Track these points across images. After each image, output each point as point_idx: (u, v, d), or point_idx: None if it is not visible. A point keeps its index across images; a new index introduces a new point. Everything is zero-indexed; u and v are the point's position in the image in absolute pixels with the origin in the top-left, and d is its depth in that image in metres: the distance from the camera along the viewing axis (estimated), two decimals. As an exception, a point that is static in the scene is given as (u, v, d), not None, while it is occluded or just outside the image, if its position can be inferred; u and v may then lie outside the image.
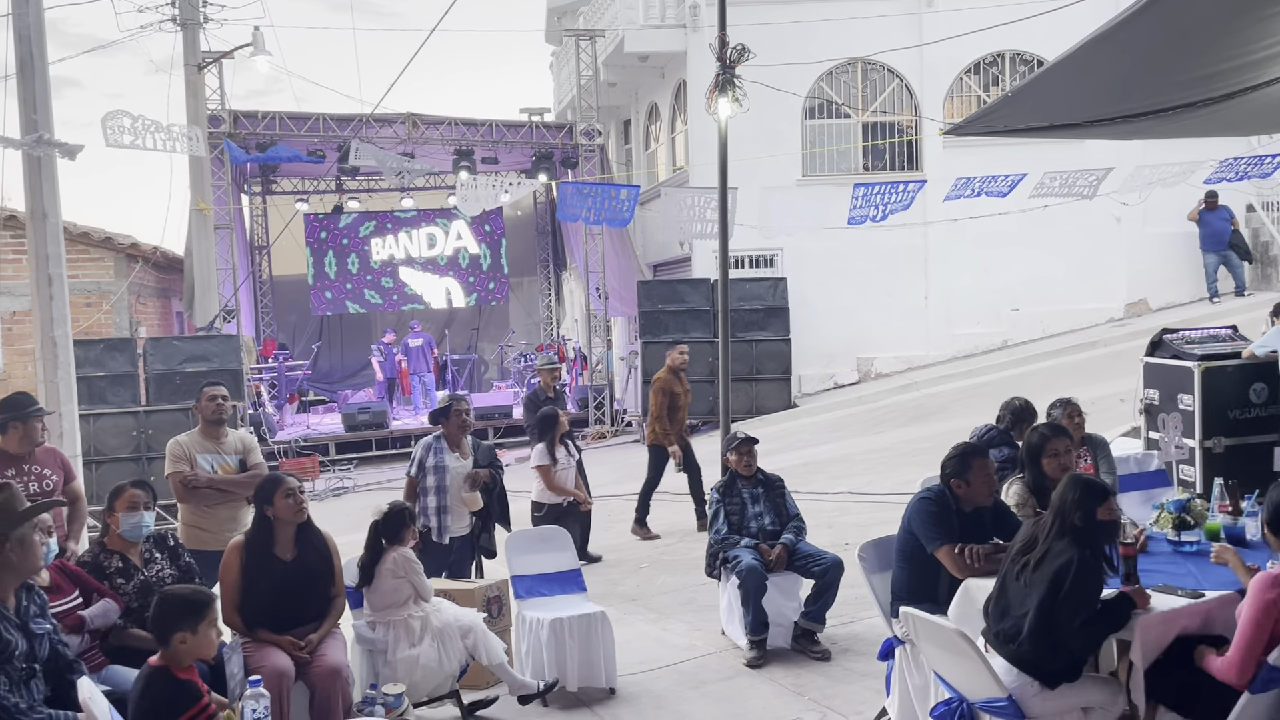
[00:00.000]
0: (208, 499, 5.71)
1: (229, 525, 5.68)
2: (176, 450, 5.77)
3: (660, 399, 9.25)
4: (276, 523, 4.63)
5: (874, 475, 9.92)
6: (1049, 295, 17.30)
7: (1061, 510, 3.77)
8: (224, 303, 16.13)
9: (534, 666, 5.34)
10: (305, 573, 4.61)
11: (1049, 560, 3.68)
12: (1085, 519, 3.71)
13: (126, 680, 4.14)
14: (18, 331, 14.35)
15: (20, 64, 7.55)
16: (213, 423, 5.88)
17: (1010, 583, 3.83)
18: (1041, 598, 3.62)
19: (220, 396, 5.90)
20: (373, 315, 22.93)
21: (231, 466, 5.83)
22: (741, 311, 15.59)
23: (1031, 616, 3.64)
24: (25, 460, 5.31)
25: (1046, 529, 3.78)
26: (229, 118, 16.51)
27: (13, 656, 3.40)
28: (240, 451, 5.92)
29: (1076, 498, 3.76)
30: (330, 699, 4.30)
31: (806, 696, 5.15)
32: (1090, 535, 3.71)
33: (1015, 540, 3.95)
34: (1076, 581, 3.59)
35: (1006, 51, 17.47)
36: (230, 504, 5.80)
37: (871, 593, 4.72)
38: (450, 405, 6.48)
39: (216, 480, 5.73)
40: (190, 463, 5.72)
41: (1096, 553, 3.71)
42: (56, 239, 7.74)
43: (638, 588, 7.69)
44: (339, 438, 17.26)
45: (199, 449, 5.80)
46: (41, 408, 5.48)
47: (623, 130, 22.74)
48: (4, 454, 5.29)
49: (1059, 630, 3.59)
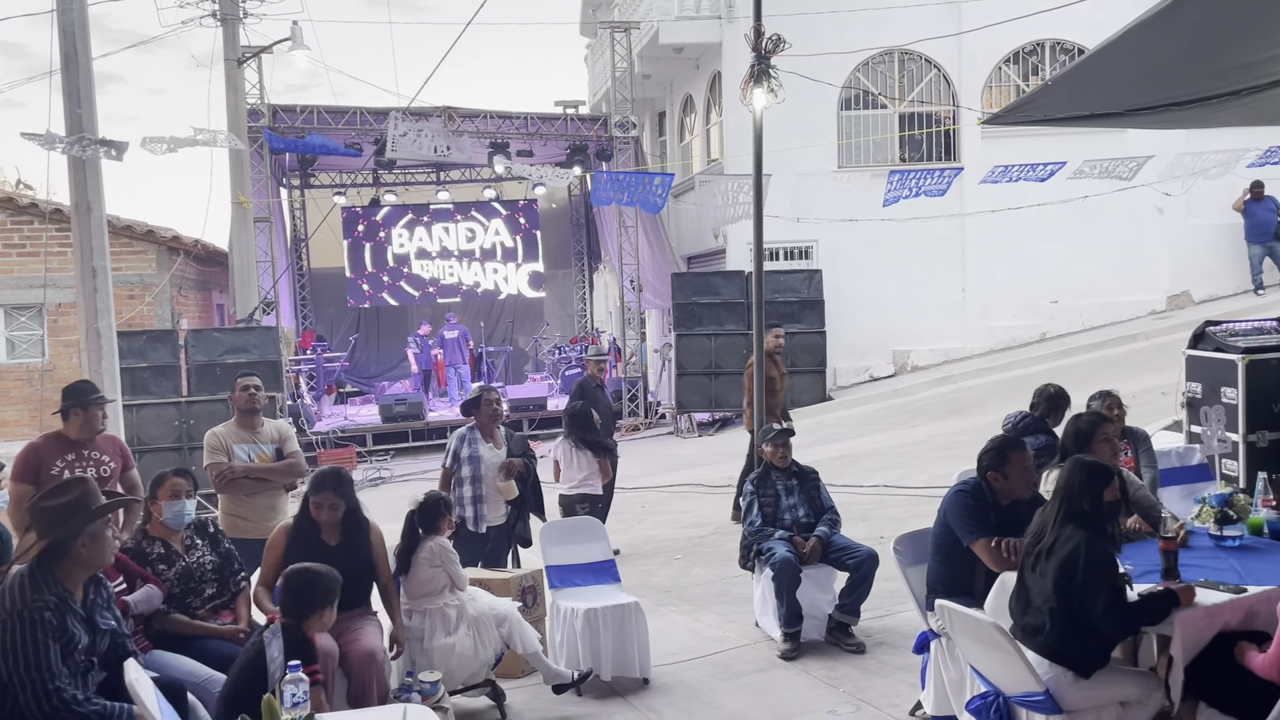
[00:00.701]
0: (245, 488, 5.78)
1: (268, 514, 5.77)
2: (213, 442, 5.86)
3: (751, 384, 8.86)
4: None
5: (909, 469, 9.84)
6: (1089, 287, 17.07)
7: (1068, 495, 3.74)
8: (263, 295, 16.32)
9: (568, 656, 5.37)
10: (350, 559, 4.67)
11: (1058, 547, 3.68)
12: (1093, 502, 3.69)
13: (169, 664, 4.22)
14: (63, 323, 14.62)
15: (65, 59, 7.68)
16: (247, 413, 5.96)
17: (1028, 575, 3.81)
18: (1057, 586, 3.60)
19: (253, 387, 5.97)
20: (409, 308, 23.10)
21: (268, 455, 5.91)
22: (776, 304, 15.51)
23: (1051, 605, 3.62)
24: (85, 446, 5.41)
25: (1053, 516, 3.76)
26: (268, 112, 16.67)
27: (76, 649, 3.48)
28: (276, 440, 5.99)
29: (1083, 481, 3.74)
30: (366, 682, 4.35)
31: (841, 689, 5.14)
32: (1097, 518, 3.69)
33: (1028, 531, 3.92)
34: (1089, 566, 3.57)
35: (1046, 40, 17.23)
36: (268, 492, 5.88)
37: (907, 586, 4.69)
38: (480, 396, 6.53)
39: (253, 469, 5.81)
40: (227, 454, 5.80)
41: (1103, 534, 3.69)
42: (100, 232, 7.87)
43: (671, 579, 7.70)
44: (376, 429, 17.42)
45: (235, 439, 5.88)
46: (103, 395, 5.58)
47: (657, 122, 22.72)
48: (65, 440, 5.40)
49: (1085, 616, 3.57)
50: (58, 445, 5.38)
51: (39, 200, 15.53)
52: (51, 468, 5.25)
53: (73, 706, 3.39)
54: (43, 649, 3.35)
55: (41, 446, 5.41)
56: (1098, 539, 3.65)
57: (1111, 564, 3.66)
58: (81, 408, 5.39)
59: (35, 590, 3.44)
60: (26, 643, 3.34)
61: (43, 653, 3.35)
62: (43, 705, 3.33)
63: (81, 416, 5.40)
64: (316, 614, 3.91)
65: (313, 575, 3.99)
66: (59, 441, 5.40)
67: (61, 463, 5.29)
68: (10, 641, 3.34)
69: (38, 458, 5.32)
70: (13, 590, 3.44)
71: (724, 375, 16.16)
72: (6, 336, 15.11)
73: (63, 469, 5.23)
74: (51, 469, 5.24)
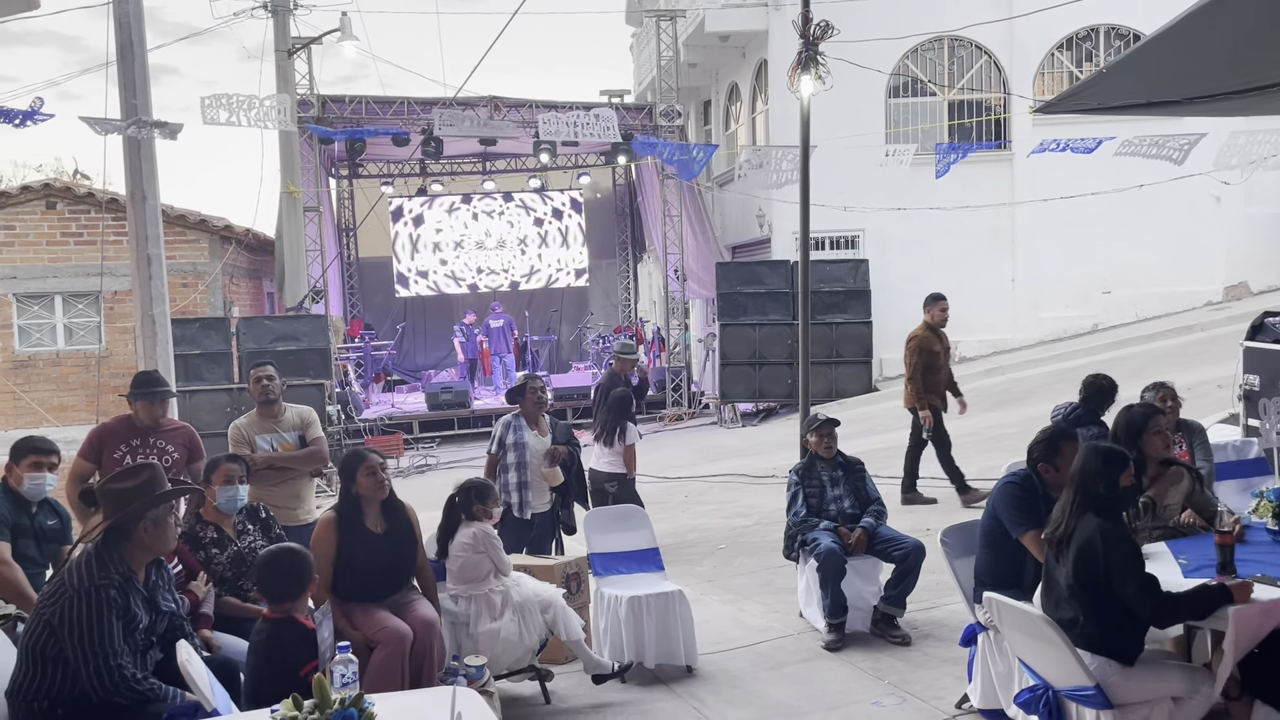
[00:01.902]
0: (268, 478, 5.73)
1: (293, 502, 5.81)
2: (235, 435, 5.87)
3: (915, 358, 8.61)
4: (362, 498, 4.75)
5: (957, 460, 9.72)
6: (1143, 277, 16.75)
7: (1083, 481, 3.70)
8: (313, 283, 16.54)
9: (612, 643, 5.40)
10: (396, 544, 4.74)
11: (1076, 536, 3.65)
12: (1109, 488, 3.65)
13: (223, 644, 4.30)
14: (119, 310, 14.95)
15: (121, 50, 7.82)
16: (264, 403, 5.94)
17: (1054, 568, 3.77)
18: (1079, 574, 3.57)
19: (266, 377, 5.93)
20: (455, 297, 23.28)
21: (291, 443, 5.89)
22: (822, 293, 15.43)
23: (1078, 595, 3.58)
24: (152, 434, 5.50)
25: (1069, 503, 3.72)
26: (317, 102, 16.87)
27: (137, 629, 3.57)
28: (299, 427, 5.95)
29: (1099, 468, 3.69)
30: (427, 649, 4.46)
31: (886, 681, 5.11)
32: (1113, 504, 3.65)
33: (1048, 524, 3.88)
34: (1110, 552, 3.54)
35: (1101, 25, 16.91)
36: (291, 481, 5.85)
37: (954, 578, 4.65)
38: (525, 384, 6.56)
39: (274, 459, 5.79)
40: (249, 445, 5.79)
41: (1118, 520, 3.65)
42: (155, 220, 8.02)
43: (715, 569, 7.70)
44: (422, 416, 17.60)
45: (257, 430, 5.87)
46: (166, 390, 5.65)
47: (702, 111, 22.64)
48: (134, 425, 5.50)
49: (1117, 601, 3.54)
50: (125, 430, 5.49)
51: (96, 190, 15.88)
52: (115, 451, 5.36)
53: (131, 684, 3.47)
54: (106, 626, 3.44)
55: (111, 428, 5.52)
56: (1114, 525, 3.62)
57: (1133, 547, 3.64)
58: (143, 399, 5.49)
59: (101, 569, 3.53)
60: (91, 619, 3.43)
61: (106, 629, 3.44)
62: (104, 680, 3.41)
63: (145, 407, 5.51)
64: (304, 594, 3.86)
65: (296, 555, 3.93)
66: (127, 426, 5.50)
67: (125, 448, 5.40)
68: (75, 617, 3.42)
69: (102, 439, 5.44)
70: (79, 568, 3.53)
71: (768, 365, 16.10)
72: (65, 323, 15.48)
73: (125, 454, 5.34)
74: (115, 452, 5.35)
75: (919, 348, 8.64)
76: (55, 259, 15.22)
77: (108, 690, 3.42)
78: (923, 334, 8.73)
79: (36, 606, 3.59)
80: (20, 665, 3.52)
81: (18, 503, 4.60)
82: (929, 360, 8.60)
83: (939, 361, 8.67)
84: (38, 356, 15.29)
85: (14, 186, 16.15)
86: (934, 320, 8.76)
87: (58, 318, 15.43)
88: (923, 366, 8.60)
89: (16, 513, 4.57)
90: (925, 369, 8.61)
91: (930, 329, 8.75)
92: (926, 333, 8.74)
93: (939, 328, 8.78)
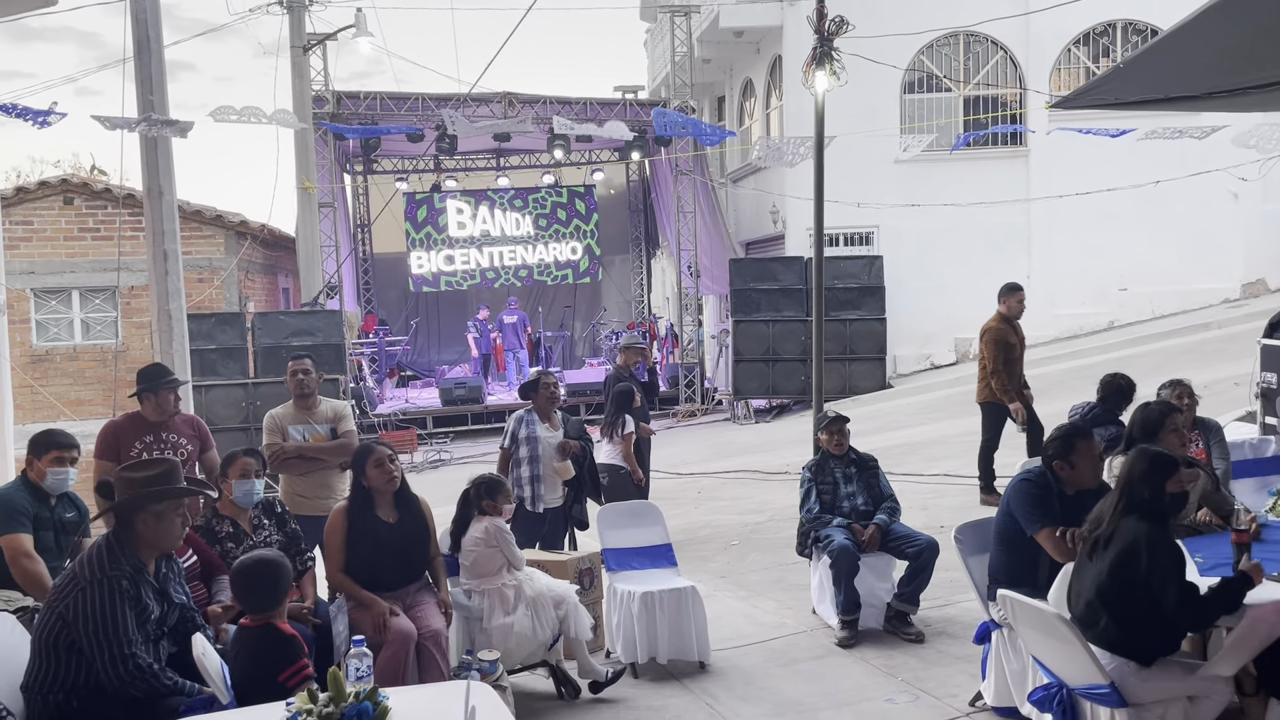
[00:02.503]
0: (298, 467, 5.93)
1: (323, 491, 5.92)
2: (270, 423, 6.05)
3: (992, 351, 8.13)
4: (373, 490, 4.77)
5: (970, 458, 9.67)
6: (1159, 274, 16.65)
7: (1129, 485, 3.66)
8: (327, 279, 16.60)
9: (625, 639, 5.40)
10: (407, 534, 4.77)
11: (1117, 538, 3.61)
12: (1155, 493, 3.61)
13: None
14: (135, 305, 15.04)
15: (138, 46, 7.86)
16: (300, 396, 6.09)
17: (1084, 566, 3.74)
18: (1115, 576, 3.54)
19: (302, 371, 6.08)
20: (468, 292, 23.31)
21: (323, 435, 6.03)
22: (836, 290, 15.39)
23: (1109, 598, 3.56)
24: (163, 429, 5.55)
25: (1113, 506, 3.68)
26: (332, 98, 16.92)
27: (149, 620, 3.59)
28: (332, 420, 6.11)
29: (1145, 471, 3.65)
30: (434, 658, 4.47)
31: (899, 678, 5.10)
32: (1159, 509, 3.61)
33: (1086, 522, 3.85)
34: (1154, 559, 3.50)
35: (1118, 21, 16.80)
36: (323, 471, 6.00)
37: (968, 575, 4.64)
38: (539, 379, 6.58)
39: (305, 449, 5.95)
40: (282, 434, 5.95)
41: (1164, 526, 3.61)
42: (171, 215, 8.06)
43: (727, 565, 7.70)
44: (436, 411, 17.64)
45: (291, 420, 6.03)
46: (175, 379, 5.69)
47: (716, 107, 22.60)
48: (144, 421, 5.54)
49: (1156, 608, 3.49)
50: (137, 426, 5.53)
51: (113, 185, 15.97)
52: (130, 448, 5.40)
53: (146, 675, 3.49)
54: (120, 615, 3.46)
55: (122, 425, 5.56)
56: (1159, 531, 3.57)
57: (1177, 554, 3.59)
58: (152, 391, 5.51)
59: (113, 559, 3.55)
60: (104, 609, 3.45)
61: (119, 619, 3.46)
62: (118, 669, 3.44)
63: (153, 400, 5.53)
64: (282, 602, 3.77)
65: (271, 564, 3.81)
66: (138, 422, 5.55)
67: (140, 444, 5.43)
68: (89, 608, 3.45)
69: (117, 436, 5.48)
70: (92, 559, 3.55)
71: (781, 362, 16.08)
72: (82, 318, 15.58)
73: (141, 450, 5.38)
74: (130, 449, 5.39)
75: (995, 340, 8.15)
76: (72, 254, 15.31)
77: (123, 680, 3.44)
78: (997, 325, 8.24)
79: (49, 599, 3.61)
80: (35, 658, 3.55)
81: (38, 496, 4.64)
82: (1006, 352, 8.13)
83: (1014, 354, 8.21)
84: (55, 351, 15.40)
85: (32, 182, 16.25)
86: (1009, 311, 8.27)
87: (75, 313, 15.53)
88: (1001, 359, 8.11)
89: (37, 505, 4.61)
90: (1005, 361, 8.14)
91: (1005, 320, 8.25)
92: (1001, 324, 8.24)
93: (1014, 319, 8.28)
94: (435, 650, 4.48)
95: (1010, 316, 8.27)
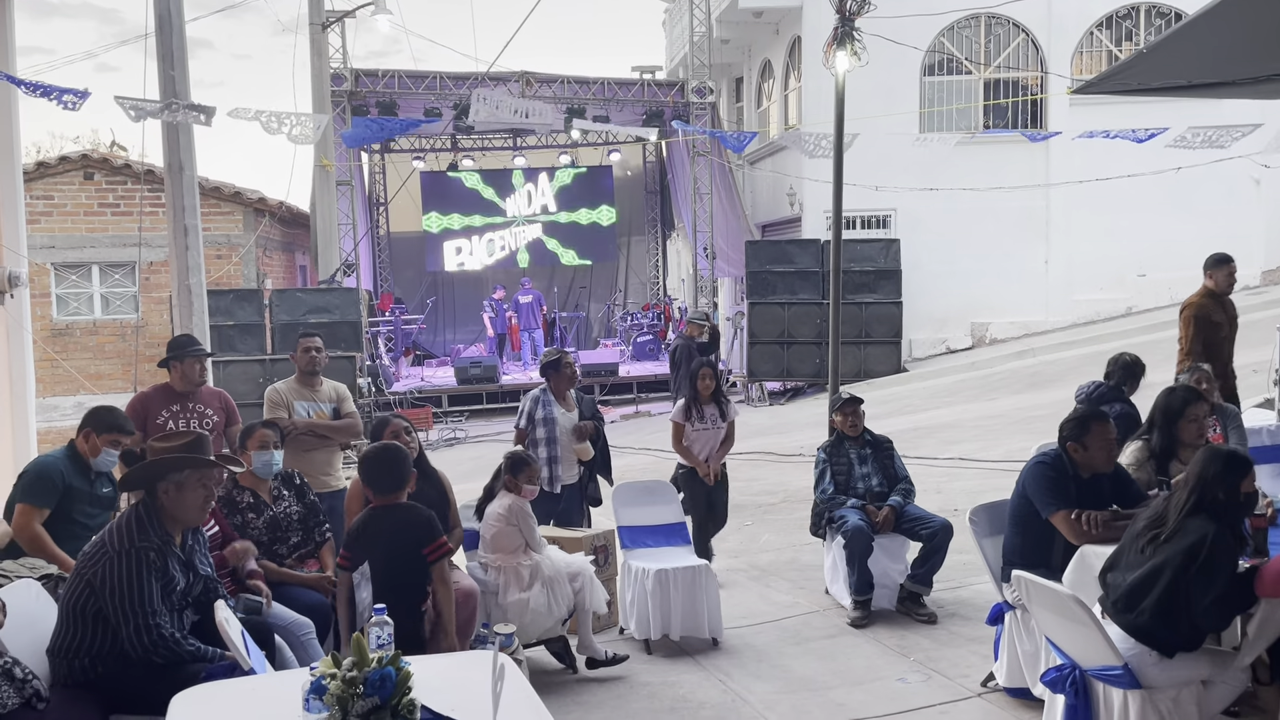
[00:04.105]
0: (304, 444, 5.84)
1: (324, 469, 5.93)
2: (274, 397, 6.00)
3: (1192, 329, 6.90)
4: None
5: (986, 442, 9.72)
6: (1178, 260, 16.48)
7: (1201, 485, 3.58)
8: (344, 257, 16.66)
9: (638, 615, 5.44)
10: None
11: (1181, 536, 3.52)
12: (1229, 494, 3.54)
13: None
14: (155, 281, 15.16)
15: (159, 21, 7.87)
16: (308, 373, 6.07)
17: (1131, 553, 3.71)
18: (1175, 573, 3.48)
19: (315, 348, 6.07)
20: (484, 272, 23.37)
21: (326, 414, 6.03)
22: (852, 273, 15.36)
23: (1159, 590, 3.51)
24: (190, 399, 5.61)
25: (1181, 505, 3.60)
26: (350, 76, 16.93)
27: (174, 591, 3.65)
28: (334, 400, 6.12)
29: (1219, 471, 3.57)
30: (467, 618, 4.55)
31: (911, 658, 5.13)
32: (1232, 510, 3.55)
33: (1143, 514, 3.79)
34: (1210, 559, 3.43)
35: (1141, 4, 16.64)
36: (326, 449, 5.98)
37: (982, 557, 4.65)
38: (560, 359, 6.58)
39: (314, 426, 5.92)
40: (288, 410, 5.92)
41: (1234, 529, 3.56)
42: (192, 191, 8.09)
43: (741, 545, 7.74)
44: (451, 390, 17.73)
45: (296, 396, 6.00)
46: (201, 348, 5.75)
47: (734, 88, 22.51)
48: (171, 391, 5.62)
49: (1189, 607, 3.47)
50: (164, 396, 5.60)
51: (133, 161, 16.04)
52: (157, 417, 5.47)
53: (170, 644, 3.55)
54: (145, 586, 3.52)
55: (150, 396, 5.64)
56: (1227, 533, 3.50)
57: (1234, 562, 3.53)
58: (178, 360, 5.59)
59: (141, 531, 3.60)
60: (131, 579, 3.51)
61: (145, 590, 3.52)
62: (143, 639, 3.50)
63: (179, 369, 5.60)
64: (406, 485, 4.27)
65: (399, 449, 4.40)
66: (165, 392, 5.62)
67: (166, 413, 5.50)
68: (117, 577, 3.51)
69: (145, 407, 5.55)
70: (120, 530, 3.61)
71: (796, 344, 16.07)
72: (102, 293, 15.70)
73: (167, 419, 5.45)
74: (157, 418, 5.46)
75: (1196, 317, 6.94)
76: (92, 229, 15.42)
77: (146, 649, 3.50)
78: (1200, 300, 7.03)
79: (77, 566, 3.67)
80: (61, 624, 3.61)
81: (80, 468, 4.68)
82: (1208, 333, 6.94)
83: (1220, 335, 6.98)
84: (75, 325, 15.53)
85: (52, 157, 16.35)
86: (1218, 286, 7.03)
87: (94, 287, 15.65)
88: (1203, 340, 6.93)
89: (78, 476, 4.65)
90: (1207, 344, 6.94)
91: (1212, 296, 7.04)
92: (1206, 300, 7.03)
93: (1223, 295, 7.07)
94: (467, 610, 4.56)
95: (1219, 292, 7.05)
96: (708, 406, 6.61)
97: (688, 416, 6.58)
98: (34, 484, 4.54)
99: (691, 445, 6.59)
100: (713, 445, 6.61)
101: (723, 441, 6.68)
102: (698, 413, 6.58)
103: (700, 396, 6.60)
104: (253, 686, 3.22)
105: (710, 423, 6.60)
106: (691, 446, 6.59)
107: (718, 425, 6.63)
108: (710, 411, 6.60)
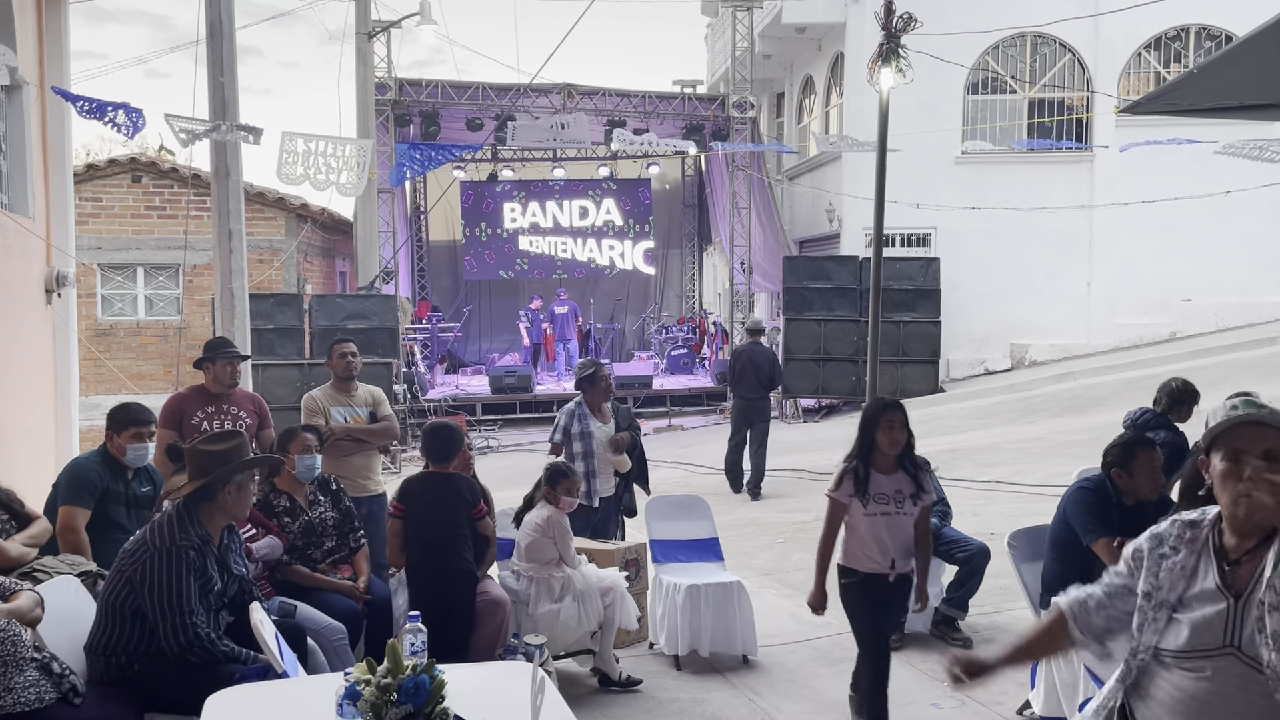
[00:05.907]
0: (342, 449, 5.88)
1: (363, 473, 5.96)
2: (311, 404, 6.04)
3: None
4: None
5: (1023, 465, 9.59)
6: (1225, 286, 16.28)
7: None
8: (384, 264, 16.80)
9: (669, 630, 5.41)
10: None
11: None
12: None
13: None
14: (198, 284, 15.35)
15: (210, 28, 8.00)
16: (344, 378, 6.12)
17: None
18: None
19: (350, 353, 6.13)
20: (521, 281, 23.45)
21: (362, 418, 6.06)
22: (890, 291, 15.21)
23: None
24: (224, 400, 5.68)
25: None
26: (395, 85, 17.10)
27: (211, 590, 3.68)
28: (370, 404, 6.14)
29: None
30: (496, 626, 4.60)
31: (945, 683, 5.04)
32: None
33: None
34: None
35: (1191, 25, 16.43)
36: (363, 453, 6.03)
37: (1020, 582, 4.58)
38: (595, 370, 6.53)
39: (352, 430, 5.95)
40: (324, 416, 5.95)
41: None
42: (237, 195, 8.19)
43: (772, 562, 7.68)
44: (486, 399, 17.79)
45: (332, 402, 6.04)
46: (233, 351, 5.81)
47: (775, 104, 22.49)
48: (206, 392, 5.69)
49: None
50: (199, 397, 5.67)
51: (180, 165, 16.30)
52: (192, 417, 5.54)
53: (205, 644, 3.58)
54: (185, 585, 3.56)
55: (186, 396, 5.71)
56: None
57: None
58: (211, 361, 5.66)
59: (182, 530, 3.65)
60: (170, 578, 3.54)
61: (184, 589, 3.55)
62: (179, 638, 3.53)
63: (212, 370, 5.66)
64: (456, 457, 4.86)
65: (454, 426, 4.95)
66: (201, 393, 5.69)
67: (201, 414, 5.56)
68: (156, 575, 3.54)
69: (180, 407, 5.62)
70: (161, 528, 3.65)
71: (833, 361, 15.97)
72: (145, 295, 15.94)
73: (202, 420, 5.51)
74: (192, 419, 5.52)
75: None
76: (138, 231, 15.67)
77: (182, 647, 3.53)
78: None
79: (117, 563, 3.71)
80: (100, 620, 3.65)
81: (115, 470, 4.74)
82: None
83: None
84: (119, 325, 15.78)
85: (101, 160, 16.65)
86: None
87: (139, 288, 15.89)
88: None
89: (114, 479, 4.70)
90: None
91: None
92: None
93: None
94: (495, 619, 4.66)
95: None
96: (889, 476, 4.25)
97: (856, 490, 4.23)
98: (72, 485, 4.60)
99: (862, 539, 4.21)
100: (900, 541, 4.23)
101: (919, 540, 4.26)
102: (872, 484, 4.22)
103: (880, 456, 4.25)
104: (286, 689, 3.23)
105: (894, 503, 4.22)
106: (862, 543, 4.20)
107: (905, 510, 4.22)
108: (894, 484, 4.25)
